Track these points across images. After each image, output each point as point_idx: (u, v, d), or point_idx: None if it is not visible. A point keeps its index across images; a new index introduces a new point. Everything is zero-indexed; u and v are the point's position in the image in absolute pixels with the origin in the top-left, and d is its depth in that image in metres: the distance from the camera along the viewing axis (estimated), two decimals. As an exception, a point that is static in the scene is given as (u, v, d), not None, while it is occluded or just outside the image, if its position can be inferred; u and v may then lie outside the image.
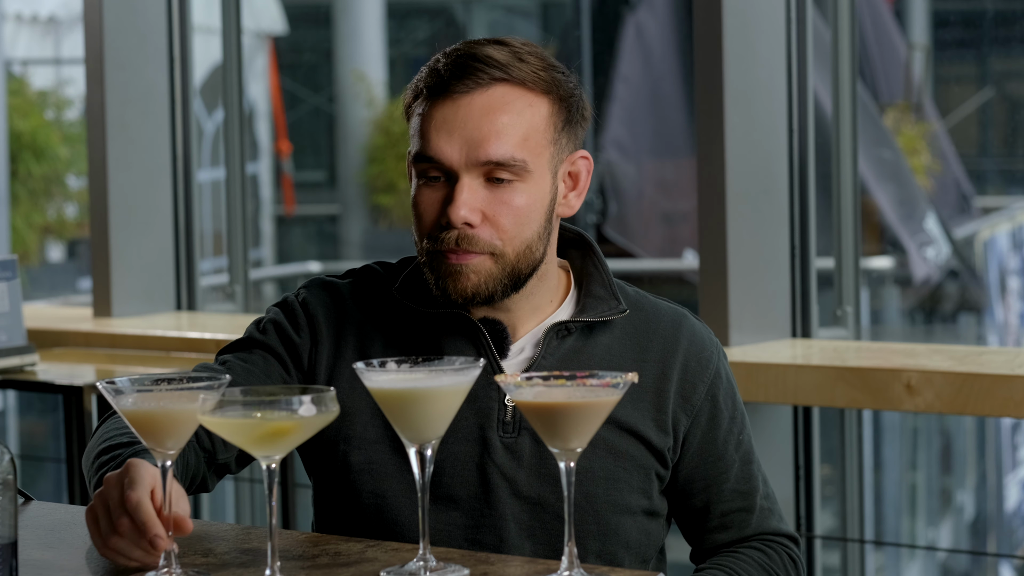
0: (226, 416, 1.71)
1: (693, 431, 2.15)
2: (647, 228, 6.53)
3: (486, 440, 2.10)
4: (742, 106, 3.69)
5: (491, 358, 2.10)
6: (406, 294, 2.14)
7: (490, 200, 2.05)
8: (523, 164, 2.05)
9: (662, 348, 2.15)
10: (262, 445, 1.72)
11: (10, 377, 3.87)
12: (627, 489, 2.11)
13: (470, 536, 2.10)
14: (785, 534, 2.20)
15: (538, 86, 2.07)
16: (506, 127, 2.05)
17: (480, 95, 2.05)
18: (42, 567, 1.88)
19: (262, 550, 1.91)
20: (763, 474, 2.21)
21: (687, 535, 2.22)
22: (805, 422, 3.79)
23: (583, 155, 2.14)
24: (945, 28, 7.44)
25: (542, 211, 2.09)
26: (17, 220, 8.22)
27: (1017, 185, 7.13)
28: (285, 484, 4.09)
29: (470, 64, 2.06)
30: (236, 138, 4.90)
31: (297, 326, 2.16)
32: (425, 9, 10.58)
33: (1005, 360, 3.37)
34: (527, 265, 2.09)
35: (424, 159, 2.07)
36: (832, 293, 3.94)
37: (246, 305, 4.97)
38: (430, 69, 2.09)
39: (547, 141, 2.08)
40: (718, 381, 2.17)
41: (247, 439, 1.72)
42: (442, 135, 2.05)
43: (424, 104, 2.09)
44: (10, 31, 8.38)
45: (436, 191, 2.07)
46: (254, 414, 1.70)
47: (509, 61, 2.07)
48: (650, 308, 2.19)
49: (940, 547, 6.16)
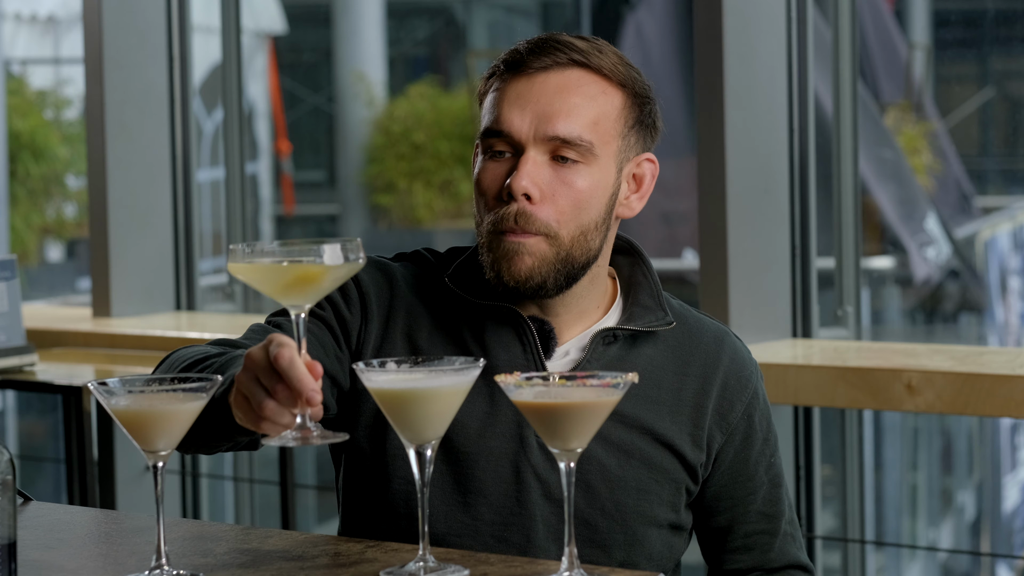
0: (256, 262, 1.74)
1: (726, 449, 2.15)
2: (647, 228, 6.53)
3: (523, 439, 2.08)
4: (742, 106, 3.69)
5: (535, 356, 2.09)
6: (457, 282, 2.14)
7: (553, 179, 2.05)
8: (589, 146, 2.05)
9: (703, 364, 2.15)
10: (290, 293, 1.75)
11: (9, 377, 3.87)
12: (657, 501, 2.11)
13: (497, 533, 2.09)
14: (802, 565, 2.21)
15: (615, 76, 2.08)
16: (577, 107, 2.05)
17: (556, 74, 2.07)
18: (41, 567, 1.88)
19: (262, 550, 1.91)
20: (790, 500, 2.21)
21: (707, 553, 2.22)
22: (806, 422, 3.79)
23: (649, 158, 2.14)
24: (946, 28, 7.44)
25: (603, 200, 2.08)
26: (16, 220, 8.22)
27: (1018, 185, 7.13)
28: (285, 484, 4.09)
29: (551, 44, 2.08)
30: (236, 138, 4.90)
31: (349, 302, 2.15)
32: (425, 9, 10.58)
33: (1006, 360, 3.37)
34: (581, 253, 2.07)
35: (493, 133, 2.07)
36: (833, 293, 3.93)
37: (245, 305, 4.97)
38: (511, 51, 2.11)
39: (616, 132, 2.08)
40: (755, 402, 2.17)
41: (275, 286, 1.75)
42: (515, 109, 2.06)
43: (499, 81, 2.10)
44: (9, 30, 8.38)
45: (501, 165, 2.08)
46: (283, 261, 1.74)
47: (589, 49, 2.08)
48: (693, 322, 2.18)
49: (941, 547, 6.16)
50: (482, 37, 10.36)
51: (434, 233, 9.28)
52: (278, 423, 1.75)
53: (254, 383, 1.75)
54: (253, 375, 1.75)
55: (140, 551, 1.94)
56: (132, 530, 2.07)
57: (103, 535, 2.07)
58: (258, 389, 1.75)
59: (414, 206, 9.25)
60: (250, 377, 1.76)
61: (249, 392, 1.75)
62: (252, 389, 1.75)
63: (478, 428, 2.06)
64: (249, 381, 1.76)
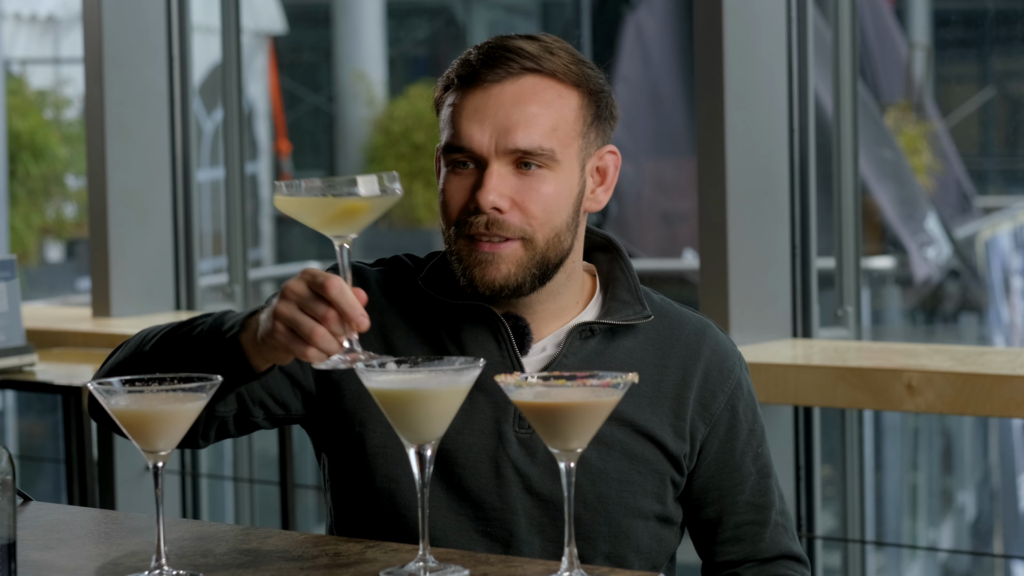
0: (301, 196, 1.85)
1: (711, 440, 2.15)
2: (647, 228, 6.53)
3: (501, 434, 2.09)
4: (742, 106, 3.69)
5: (511, 353, 2.10)
6: (431, 284, 2.15)
7: (519, 187, 2.06)
8: (551, 153, 2.06)
9: (684, 355, 2.15)
10: (335, 224, 1.86)
11: (9, 377, 3.86)
12: (640, 493, 2.11)
13: (480, 528, 2.10)
14: (795, 555, 2.20)
15: (568, 78, 2.09)
16: (535, 116, 2.06)
17: (511, 84, 2.07)
18: (41, 568, 1.87)
19: (262, 550, 1.91)
20: (780, 490, 2.21)
21: (699, 546, 2.22)
22: (806, 422, 3.79)
23: (611, 150, 2.16)
24: (946, 27, 7.44)
25: (570, 201, 2.09)
26: (16, 220, 8.22)
27: (1018, 185, 7.13)
28: (285, 484, 4.09)
29: (502, 54, 2.08)
30: (235, 138, 4.90)
31: None
32: (425, 8, 10.58)
33: (1006, 360, 3.37)
34: (556, 254, 2.09)
35: (454, 148, 2.08)
36: (833, 293, 3.93)
37: (245, 305, 4.96)
38: (462, 61, 2.11)
39: (576, 133, 2.10)
40: (739, 392, 2.17)
41: (321, 219, 1.86)
42: (473, 123, 2.06)
43: (455, 95, 2.10)
44: (9, 30, 8.38)
45: (465, 178, 2.08)
46: (327, 195, 1.85)
47: (540, 53, 2.08)
48: (675, 315, 2.19)
49: (941, 548, 6.15)
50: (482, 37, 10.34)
51: (434, 233, 9.28)
52: (328, 349, 1.85)
53: (299, 313, 1.84)
54: (297, 305, 1.85)
55: (140, 551, 1.94)
56: (132, 530, 2.06)
57: (103, 535, 2.07)
58: (305, 318, 1.84)
59: (414, 206, 9.25)
60: (294, 308, 1.85)
61: (294, 322, 1.85)
62: (299, 318, 1.84)
63: (456, 425, 2.06)
64: (294, 311, 1.85)
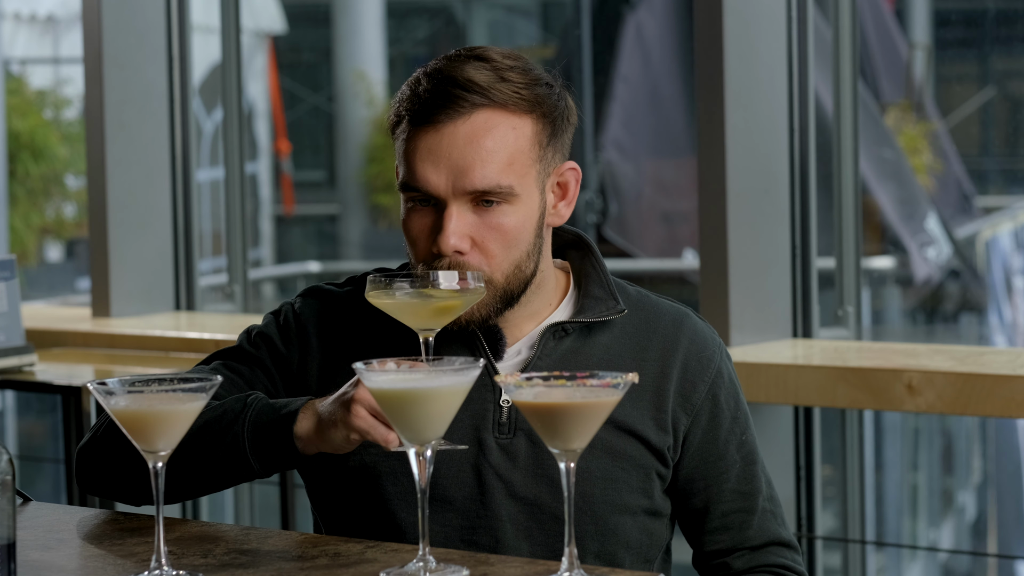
0: (397, 298, 1.96)
1: (693, 430, 2.15)
2: (647, 228, 6.52)
3: (481, 441, 2.10)
4: (742, 106, 3.69)
5: (486, 359, 2.10)
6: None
7: (479, 225, 2.06)
8: (510, 189, 2.06)
9: (662, 346, 2.15)
10: (430, 320, 1.96)
11: (8, 377, 3.86)
12: (626, 489, 2.11)
13: (466, 537, 2.10)
14: (784, 542, 2.19)
15: (520, 107, 2.07)
16: (491, 153, 2.04)
17: (463, 123, 2.05)
18: (41, 568, 1.87)
19: (262, 550, 1.91)
20: (767, 477, 2.20)
21: (688, 537, 2.22)
22: (806, 422, 3.78)
23: (571, 166, 2.14)
24: (946, 27, 7.44)
25: (531, 228, 2.09)
26: (15, 220, 8.21)
27: (1018, 185, 7.13)
28: (285, 484, 4.08)
29: (450, 92, 2.05)
30: (235, 138, 4.89)
31: (287, 339, 2.18)
32: (425, 8, 10.57)
33: (1007, 360, 3.36)
34: (518, 284, 2.10)
35: (412, 188, 2.07)
36: (833, 293, 3.93)
37: (245, 305, 4.96)
38: (412, 93, 2.08)
39: (533, 160, 2.08)
40: (720, 381, 2.16)
41: (417, 317, 1.96)
42: (427, 165, 2.05)
43: (408, 130, 2.08)
44: (8, 30, 8.38)
45: (425, 216, 2.08)
46: (423, 294, 1.96)
47: (490, 83, 2.05)
48: (651, 307, 2.18)
49: (941, 548, 6.15)
50: (482, 37, 10.35)
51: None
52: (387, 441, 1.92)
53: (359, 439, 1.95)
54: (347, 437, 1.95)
55: (140, 551, 1.94)
56: (132, 530, 2.06)
57: (103, 535, 2.06)
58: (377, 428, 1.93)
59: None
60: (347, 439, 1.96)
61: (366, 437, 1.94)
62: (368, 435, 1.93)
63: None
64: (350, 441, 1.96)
